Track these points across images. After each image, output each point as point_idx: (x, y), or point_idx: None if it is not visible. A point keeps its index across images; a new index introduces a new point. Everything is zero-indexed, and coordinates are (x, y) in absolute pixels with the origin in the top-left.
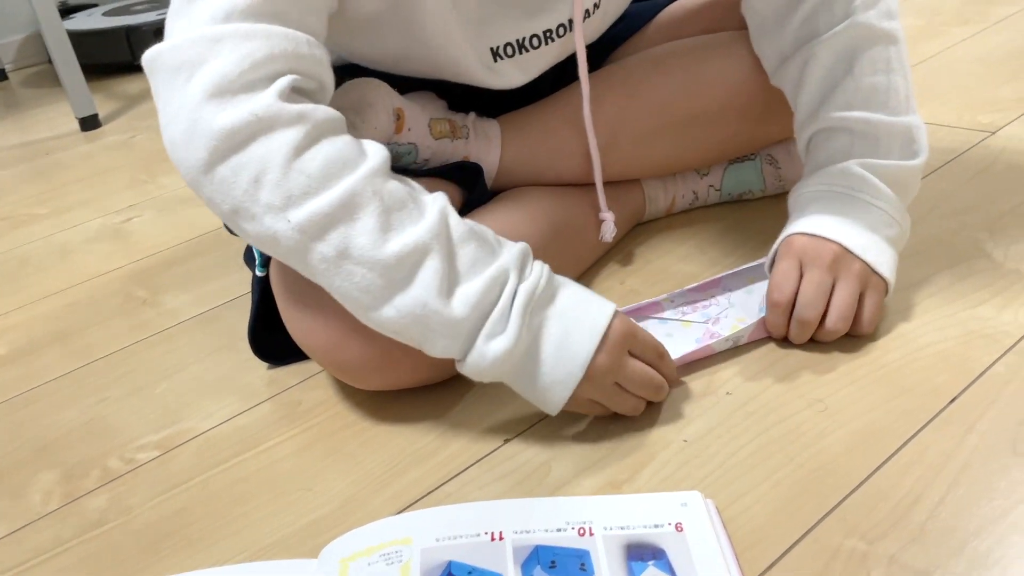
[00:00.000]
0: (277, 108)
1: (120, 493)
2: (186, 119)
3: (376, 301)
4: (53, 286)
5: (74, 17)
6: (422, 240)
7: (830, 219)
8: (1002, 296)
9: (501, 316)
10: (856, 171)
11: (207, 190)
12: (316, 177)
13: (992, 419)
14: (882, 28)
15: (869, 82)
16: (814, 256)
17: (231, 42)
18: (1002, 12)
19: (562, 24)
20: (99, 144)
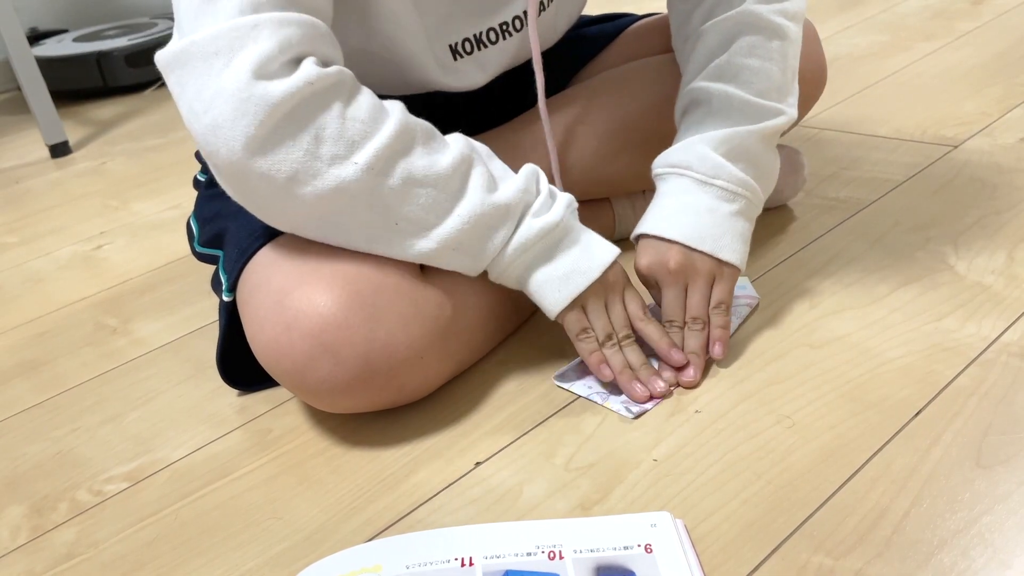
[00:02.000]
0: (321, 73)
1: (89, 526)
2: (231, 99)
3: (441, 215)
4: (23, 315)
5: (44, 43)
6: (464, 152)
7: (671, 214)
8: (965, 309)
9: (545, 200)
10: (696, 150)
11: (260, 166)
12: (367, 121)
13: (956, 432)
14: (770, 20)
15: (741, 62)
16: (662, 271)
17: (268, 28)
18: (965, 27)
19: (518, 16)
20: (69, 171)
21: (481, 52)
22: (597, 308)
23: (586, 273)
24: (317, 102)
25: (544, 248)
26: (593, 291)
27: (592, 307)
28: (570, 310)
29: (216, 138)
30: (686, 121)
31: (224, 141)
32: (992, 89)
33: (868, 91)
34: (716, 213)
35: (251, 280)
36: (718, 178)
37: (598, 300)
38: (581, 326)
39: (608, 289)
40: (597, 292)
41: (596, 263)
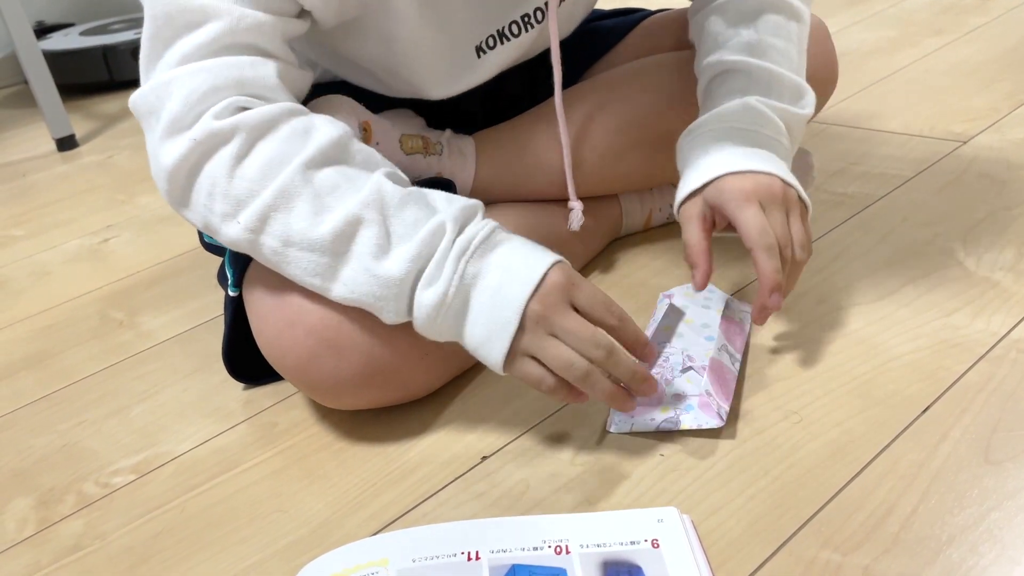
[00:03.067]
0: (211, 128)
1: (96, 518)
2: (152, 160)
3: (327, 281)
4: (30, 308)
5: (51, 37)
6: (352, 212)
7: (755, 153)
8: (974, 305)
9: (436, 266)
10: (757, 106)
11: (185, 215)
12: (256, 180)
13: (965, 428)
14: (791, 5)
15: (769, 40)
16: (768, 194)
17: (178, 83)
18: (975, 22)
19: (539, 8)
20: (76, 164)
21: (504, 46)
22: (542, 344)
23: (506, 324)
24: (208, 160)
25: (453, 314)
26: (526, 333)
27: (537, 346)
28: (515, 364)
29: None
30: (724, 88)
31: (159, 186)
32: (1001, 84)
33: (876, 86)
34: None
35: (257, 275)
36: (780, 135)
37: (537, 337)
38: (534, 376)
39: (544, 315)
40: (532, 329)
41: (513, 304)
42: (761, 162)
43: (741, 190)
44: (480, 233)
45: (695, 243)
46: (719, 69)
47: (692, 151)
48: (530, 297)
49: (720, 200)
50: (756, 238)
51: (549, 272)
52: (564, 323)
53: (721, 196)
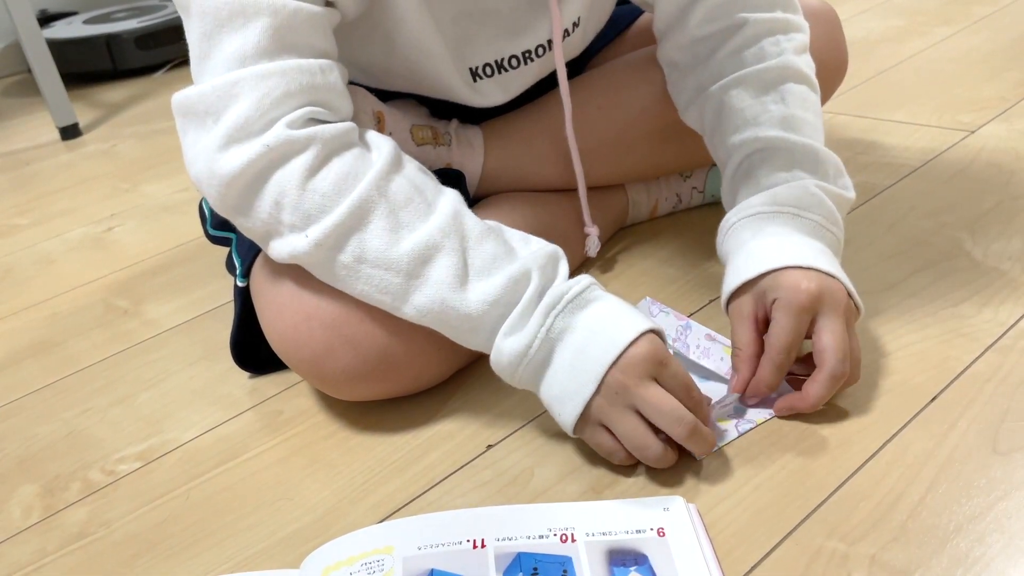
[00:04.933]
0: (287, 136)
1: (101, 506)
2: (206, 164)
3: (397, 300)
4: (34, 297)
5: (54, 25)
6: (433, 238)
7: (815, 247)
8: (982, 294)
9: (521, 315)
10: (816, 192)
11: (238, 222)
12: (329, 195)
13: (972, 417)
14: (809, 76)
15: (801, 115)
16: (832, 302)
17: (248, 85)
18: (983, 11)
19: (541, 45)
20: (80, 153)
21: (502, 75)
22: (619, 417)
23: (581, 387)
24: (278, 168)
25: (534, 367)
26: (603, 400)
27: (613, 418)
28: (587, 429)
29: (201, 188)
30: (767, 167)
31: (207, 193)
32: (1010, 74)
33: (884, 75)
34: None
35: (268, 266)
36: (835, 225)
37: (615, 408)
38: (605, 447)
39: (625, 385)
40: (610, 397)
41: (593, 369)
42: (825, 260)
43: (796, 291)
44: (574, 288)
45: (745, 347)
46: (757, 146)
47: (742, 234)
48: (612, 364)
49: (779, 297)
50: (775, 354)
51: (637, 341)
52: (645, 394)
53: (781, 293)
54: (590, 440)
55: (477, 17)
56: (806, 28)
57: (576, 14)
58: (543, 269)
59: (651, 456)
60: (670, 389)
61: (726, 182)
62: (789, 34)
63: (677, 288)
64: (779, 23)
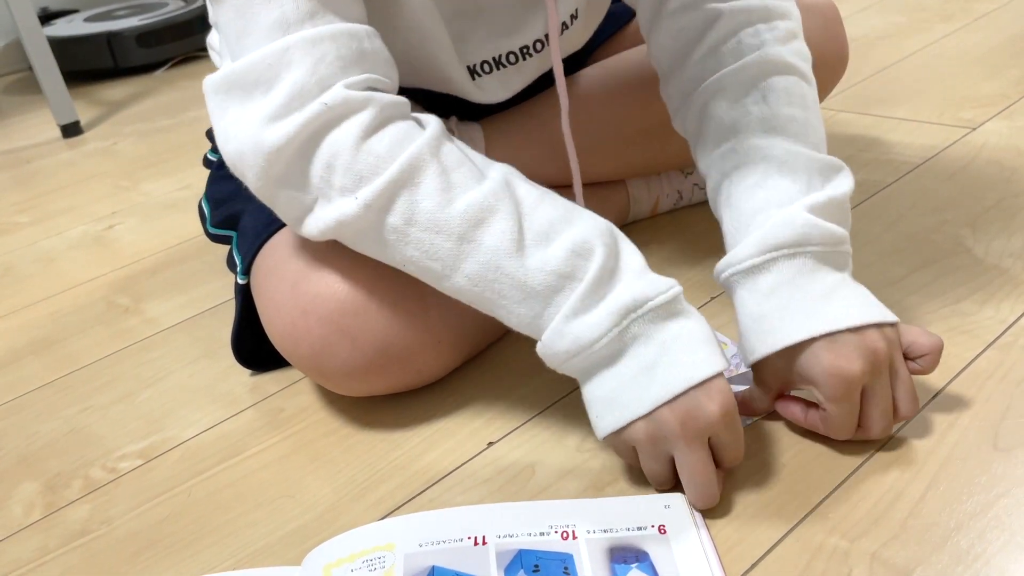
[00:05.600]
0: (345, 95)
1: (103, 503)
2: (249, 135)
3: (447, 268)
4: (35, 295)
5: (55, 23)
6: (487, 200)
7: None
8: (983, 292)
9: (586, 296)
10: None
11: (283, 195)
12: (383, 157)
13: (973, 415)
14: (795, 65)
15: (785, 112)
16: (872, 367)
17: (300, 50)
18: (984, 8)
19: (539, 40)
20: (81, 151)
21: (501, 72)
22: (652, 452)
23: (629, 405)
24: (333, 128)
25: (592, 361)
26: (644, 431)
27: (645, 451)
28: (617, 440)
29: (243, 163)
30: (742, 185)
31: (248, 166)
32: (1011, 71)
33: (885, 72)
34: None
35: (267, 263)
36: (842, 243)
37: (651, 445)
38: (629, 458)
39: (673, 438)
40: (651, 433)
41: (650, 395)
42: (843, 307)
43: (842, 374)
44: (661, 297)
45: (761, 409)
46: (733, 161)
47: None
48: (674, 396)
49: (815, 382)
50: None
51: (709, 386)
52: (691, 457)
53: (813, 375)
54: (617, 449)
55: (472, 15)
56: (794, 14)
57: (574, 6)
58: (605, 241)
59: (663, 489)
60: (719, 450)
61: (711, 201)
62: (771, 22)
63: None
64: (757, 12)
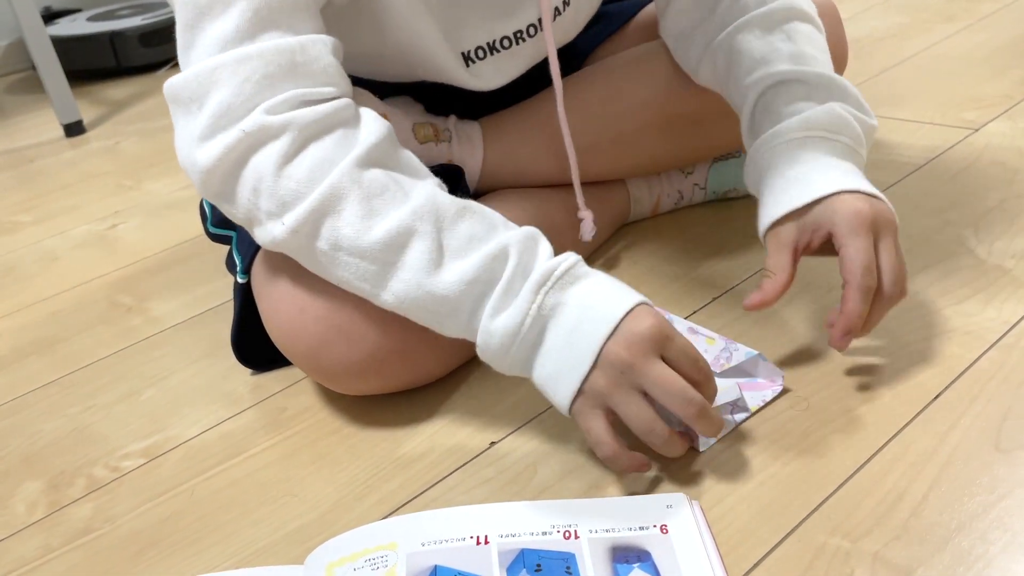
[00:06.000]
0: (262, 122)
1: (105, 502)
2: (186, 148)
3: (375, 288)
4: (38, 294)
5: (58, 23)
6: (405, 223)
7: (855, 171)
8: (986, 292)
9: (505, 293)
10: (844, 114)
11: (223, 208)
12: (304, 181)
13: (975, 415)
14: (813, 16)
15: (810, 51)
16: (884, 222)
17: (226, 69)
18: (987, 8)
19: (532, 24)
20: (84, 150)
21: (495, 57)
22: (624, 398)
23: (578, 363)
24: (254, 153)
25: (527, 346)
26: (605, 378)
27: (619, 399)
28: (584, 411)
29: (189, 174)
30: (784, 97)
31: (192, 179)
32: (1014, 71)
33: (887, 73)
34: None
35: (266, 262)
36: (863, 148)
37: (620, 388)
38: (593, 434)
39: (631, 364)
40: (613, 376)
41: (589, 343)
42: (865, 182)
43: (858, 215)
44: (563, 264)
45: (781, 271)
46: (770, 82)
47: (775, 160)
48: (608, 336)
49: (833, 223)
50: (860, 278)
51: (635, 313)
52: (652, 373)
53: (835, 218)
54: (582, 424)
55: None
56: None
57: None
58: (521, 245)
59: (658, 440)
60: (677, 364)
61: (745, 122)
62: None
63: (680, 286)
64: None
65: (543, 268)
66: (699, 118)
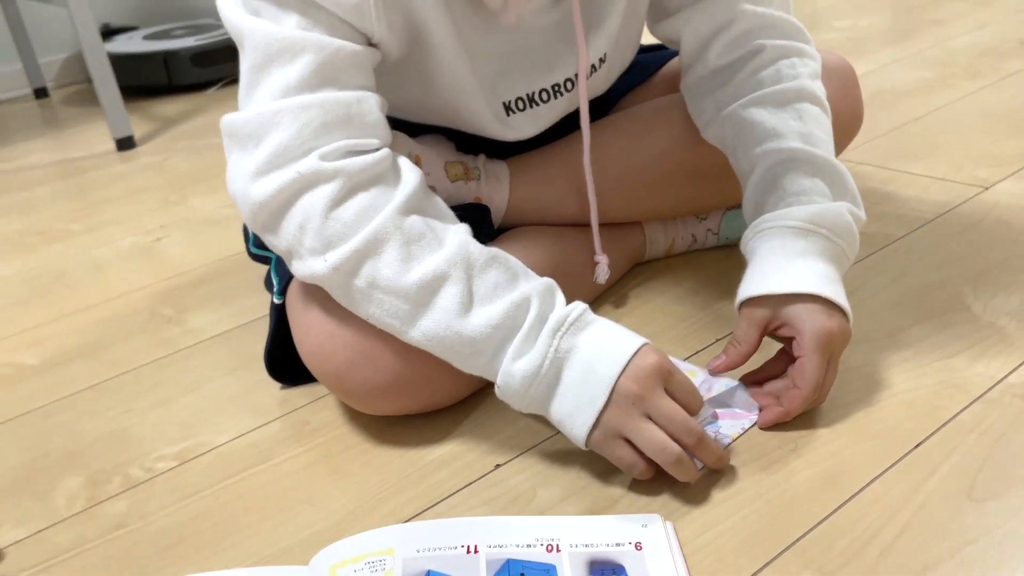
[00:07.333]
0: (317, 167)
1: (139, 500)
2: (242, 187)
3: (405, 325)
4: (84, 301)
5: (115, 39)
6: (440, 268)
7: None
8: (976, 348)
9: (526, 339)
10: (847, 216)
11: (266, 238)
12: (350, 224)
13: (953, 465)
14: (823, 100)
15: (818, 133)
16: (840, 345)
17: (288, 114)
18: (1012, 67)
19: (569, 79)
20: (134, 164)
21: (533, 109)
22: (637, 425)
23: (593, 399)
24: (305, 194)
25: (539, 390)
26: (618, 411)
27: (632, 427)
28: (605, 442)
29: (239, 204)
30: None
31: (242, 210)
32: None
33: (908, 127)
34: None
35: (301, 286)
36: (852, 251)
37: (631, 417)
38: (627, 460)
39: (641, 396)
40: (625, 408)
41: (604, 380)
42: (841, 295)
43: (825, 334)
44: (574, 312)
45: (745, 345)
46: (780, 157)
47: (772, 241)
48: (620, 373)
49: (801, 331)
50: (808, 392)
51: (641, 352)
52: (661, 406)
53: (804, 327)
54: (610, 455)
55: (511, 55)
56: (818, 58)
57: (602, 51)
58: (542, 296)
59: (671, 459)
60: (678, 397)
61: (749, 190)
62: (804, 59)
63: (687, 326)
64: (794, 49)
65: (558, 316)
66: (715, 171)
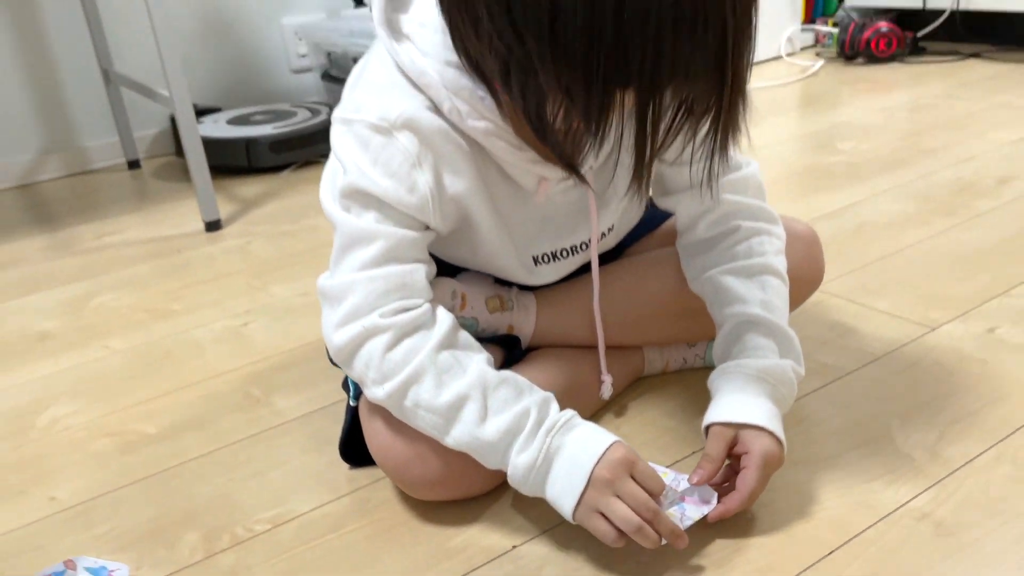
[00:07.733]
0: (377, 322)
1: (244, 554)
2: (327, 329)
3: (441, 433)
4: (189, 378)
5: (203, 122)
6: (463, 391)
7: (779, 418)
8: (892, 475)
9: (527, 439)
10: (790, 374)
11: (346, 370)
12: (399, 363)
13: (855, 570)
14: (783, 273)
15: (776, 302)
16: (776, 465)
17: (360, 285)
18: (984, 206)
19: (585, 241)
20: (220, 247)
21: (555, 263)
22: (608, 502)
23: (576, 484)
24: (368, 342)
25: (537, 477)
26: (595, 492)
27: (605, 503)
28: (586, 517)
29: (328, 346)
30: (751, 337)
31: (331, 351)
32: (983, 275)
33: (881, 262)
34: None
35: None
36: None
37: (604, 496)
38: (601, 529)
39: (611, 480)
40: (600, 489)
41: (583, 469)
42: (780, 430)
43: (771, 457)
44: (563, 418)
45: (715, 459)
46: (743, 318)
47: (736, 384)
48: (596, 464)
49: (752, 451)
50: (747, 498)
51: (612, 448)
52: (626, 488)
53: (754, 448)
54: (590, 526)
55: (540, 222)
56: (783, 235)
57: (610, 222)
58: (539, 406)
59: (633, 527)
60: (641, 481)
61: (719, 339)
62: (771, 238)
63: (671, 437)
64: (764, 229)
65: (551, 420)
66: (700, 311)
